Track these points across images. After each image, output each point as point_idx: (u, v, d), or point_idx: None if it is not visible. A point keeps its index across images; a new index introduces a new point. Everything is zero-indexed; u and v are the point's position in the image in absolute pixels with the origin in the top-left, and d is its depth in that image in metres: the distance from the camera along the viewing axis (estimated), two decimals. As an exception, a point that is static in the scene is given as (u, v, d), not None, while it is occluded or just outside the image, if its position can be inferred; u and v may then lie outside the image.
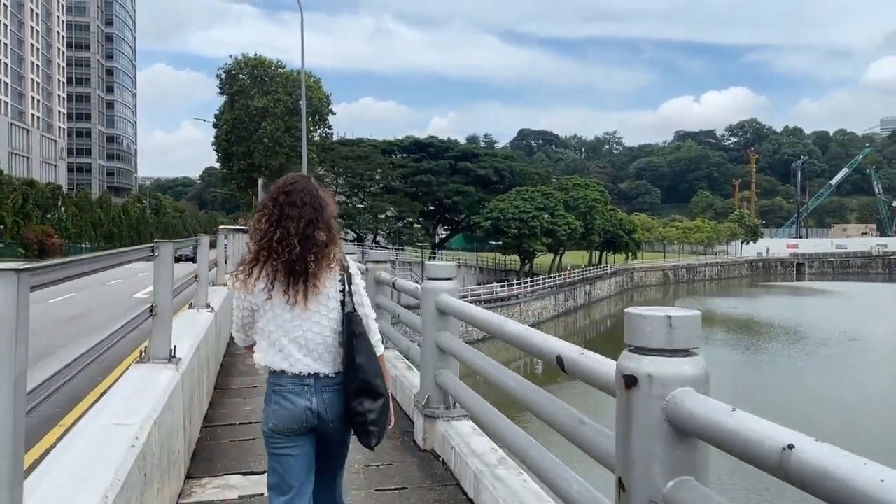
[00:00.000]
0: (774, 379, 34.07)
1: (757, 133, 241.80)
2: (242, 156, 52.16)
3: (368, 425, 2.84)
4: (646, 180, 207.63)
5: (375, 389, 2.86)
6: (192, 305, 7.10)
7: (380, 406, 2.87)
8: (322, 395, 2.84)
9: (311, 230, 2.82)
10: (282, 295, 2.83)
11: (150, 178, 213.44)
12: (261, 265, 2.84)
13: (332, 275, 2.88)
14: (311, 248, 2.82)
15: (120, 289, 18.16)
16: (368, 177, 66.98)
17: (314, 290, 2.83)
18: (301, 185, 2.91)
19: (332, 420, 2.86)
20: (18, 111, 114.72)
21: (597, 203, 67.63)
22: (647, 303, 73.75)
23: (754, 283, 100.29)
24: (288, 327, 2.85)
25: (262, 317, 2.89)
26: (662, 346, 1.97)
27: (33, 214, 58.17)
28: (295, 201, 2.84)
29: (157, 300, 4.39)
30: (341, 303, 2.90)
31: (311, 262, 2.81)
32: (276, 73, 52.23)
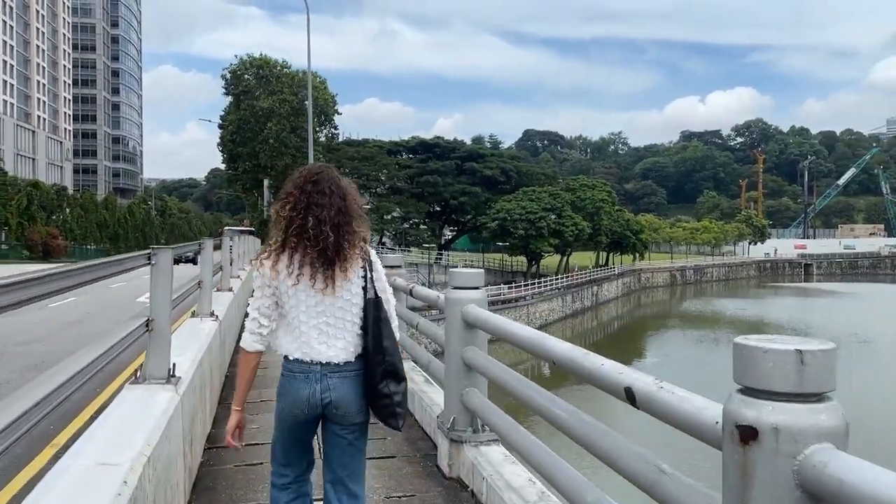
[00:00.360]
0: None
1: (763, 133, 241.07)
2: (248, 157, 51.70)
3: (395, 406, 2.92)
4: (651, 181, 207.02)
5: (400, 372, 2.95)
6: (195, 313, 6.66)
7: (403, 388, 2.96)
8: (326, 381, 2.86)
9: (341, 218, 2.88)
10: (308, 280, 2.86)
11: (156, 179, 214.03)
12: (289, 251, 2.87)
13: (357, 261, 2.93)
14: (344, 236, 2.88)
15: (123, 292, 17.72)
16: (374, 177, 66.55)
17: (344, 276, 2.88)
18: (327, 174, 2.95)
19: (337, 407, 2.88)
20: (24, 113, 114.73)
21: (604, 203, 67.07)
22: (653, 304, 73.78)
23: (762, 283, 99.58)
24: (312, 313, 2.88)
25: (286, 303, 2.90)
26: (791, 389, 1.52)
27: (38, 216, 57.81)
28: (323, 190, 2.88)
29: (154, 313, 3.95)
30: (363, 288, 2.93)
31: (346, 249, 2.88)
32: (282, 74, 51.72)
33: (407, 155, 75.72)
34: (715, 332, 50.91)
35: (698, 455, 8.07)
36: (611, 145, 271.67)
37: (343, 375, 2.89)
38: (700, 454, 5.57)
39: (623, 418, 14.71)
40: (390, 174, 66.46)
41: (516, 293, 49.09)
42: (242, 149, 51.77)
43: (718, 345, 45.19)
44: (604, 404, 9.78)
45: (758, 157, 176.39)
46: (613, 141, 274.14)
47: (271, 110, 49.77)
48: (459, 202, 68.42)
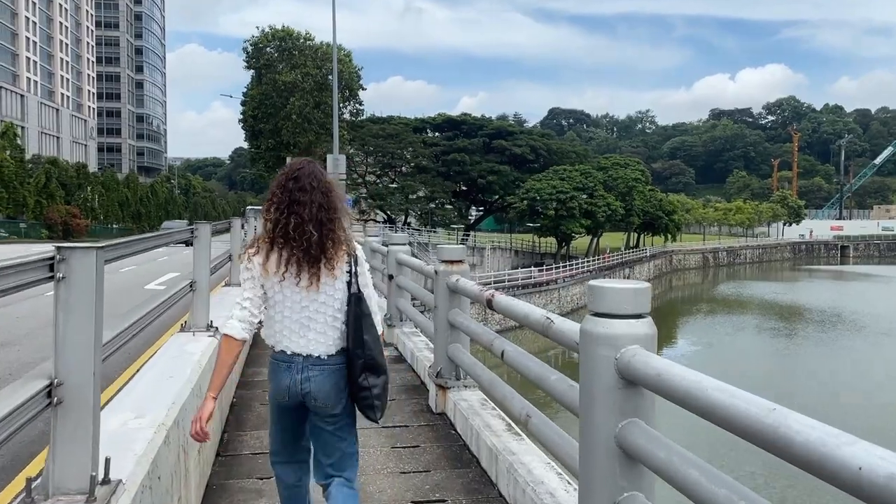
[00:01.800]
0: (840, 376, 31.48)
1: (795, 111, 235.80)
2: (270, 133, 49.77)
3: (373, 399, 3.00)
4: (680, 160, 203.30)
5: (379, 366, 3.01)
6: (184, 325, 5.19)
7: (382, 382, 3.03)
8: (307, 372, 2.94)
9: (324, 214, 2.92)
10: (294, 278, 2.92)
11: (181, 158, 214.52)
12: (277, 250, 2.92)
13: (343, 257, 2.98)
14: (327, 234, 2.93)
15: (131, 278, 16.14)
16: (399, 156, 64.76)
17: (331, 273, 2.94)
18: (308, 169, 3.00)
19: (315, 398, 2.95)
20: (48, 90, 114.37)
21: (637, 183, 64.80)
22: (686, 286, 71.55)
23: (796, 266, 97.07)
24: (296, 308, 2.95)
25: (272, 297, 2.97)
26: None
27: (57, 194, 56.56)
28: (304, 186, 2.92)
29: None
30: (347, 283, 3.00)
31: (329, 248, 2.93)
32: (305, 46, 49.38)
33: (433, 132, 73.74)
34: (756, 319, 48.75)
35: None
36: (638, 124, 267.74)
37: (323, 368, 2.96)
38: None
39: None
40: (416, 152, 64.53)
41: (547, 276, 47.14)
42: (264, 125, 49.84)
43: (761, 333, 43.12)
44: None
45: (793, 135, 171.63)
46: (641, 119, 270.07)
47: (294, 84, 47.70)
48: (487, 181, 66.28)
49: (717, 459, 15.78)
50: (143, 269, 17.09)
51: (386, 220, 64.22)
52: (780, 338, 41.52)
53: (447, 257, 5.35)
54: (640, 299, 2.46)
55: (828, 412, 23.23)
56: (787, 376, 31.01)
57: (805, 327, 45.19)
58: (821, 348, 38.21)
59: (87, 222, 59.27)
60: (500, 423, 4.56)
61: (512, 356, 3.81)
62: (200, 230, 5.01)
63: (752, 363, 33.24)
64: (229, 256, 7.91)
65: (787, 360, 35.38)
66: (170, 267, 18.48)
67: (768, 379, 30.13)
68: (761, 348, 38.40)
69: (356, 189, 60.95)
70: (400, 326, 8.53)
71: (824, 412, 23.37)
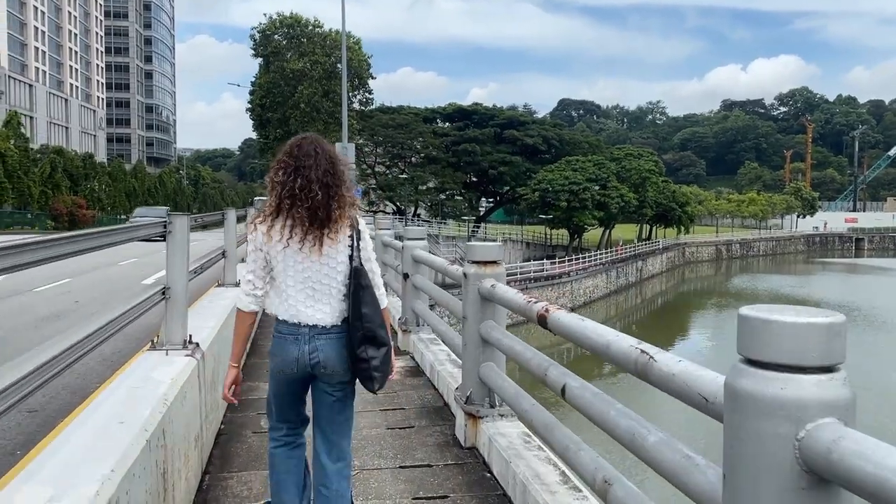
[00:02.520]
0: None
1: (808, 102, 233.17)
2: (278, 123, 48.82)
3: (372, 371, 3.01)
4: (690, 151, 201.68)
5: (380, 338, 3.03)
6: (156, 343, 4.21)
7: (383, 353, 3.04)
8: (315, 342, 2.99)
9: (329, 178, 2.97)
10: (298, 242, 2.96)
11: (190, 149, 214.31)
12: (284, 214, 2.97)
13: (344, 227, 3.01)
14: (333, 196, 2.98)
15: (130, 271, 15.33)
16: (409, 146, 63.86)
17: (333, 236, 2.99)
18: (311, 138, 3.10)
19: (325, 366, 3.01)
20: (57, 81, 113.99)
21: (651, 174, 63.68)
22: (698, 279, 70.51)
23: (810, 258, 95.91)
24: (299, 277, 3.00)
25: (276, 265, 3.01)
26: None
27: (62, 185, 55.71)
28: (309, 152, 2.99)
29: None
30: (349, 257, 3.04)
31: (334, 209, 2.97)
32: (314, 34, 48.40)
33: (443, 123, 72.77)
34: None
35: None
36: (649, 115, 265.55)
37: (330, 337, 3.01)
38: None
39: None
40: (426, 142, 63.61)
41: (559, 269, 46.25)
42: (272, 114, 48.94)
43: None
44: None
45: (807, 126, 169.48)
46: (651, 110, 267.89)
47: (302, 73, 46.77)
48: (498, 172, 65.27)
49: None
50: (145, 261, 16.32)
51: (395, 212, 63.44)
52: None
53: (480, 257, 4.39)
54: (834, 341, 1.52)
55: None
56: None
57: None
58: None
59: (94, 213, 58.39)
60: (552, 472, 3.65)
61: (581, 397, 2.81)
62: (175, 224, 4.14)
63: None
64: (223, 253, 7.06)
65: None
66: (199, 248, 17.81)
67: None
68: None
69: (365, 180, 60.18)
70: (416, 332, 7.60)
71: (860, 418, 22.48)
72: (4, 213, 49.94)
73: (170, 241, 4.11)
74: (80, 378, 5.96)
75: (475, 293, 4.27)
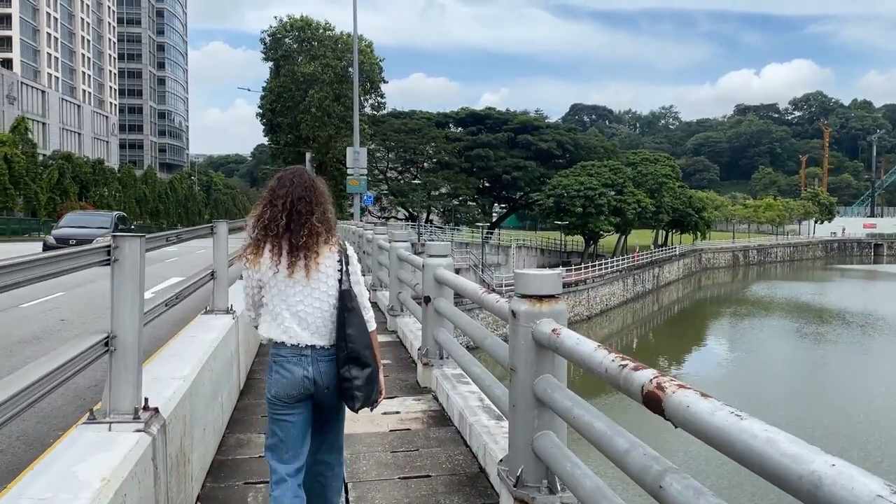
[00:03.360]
0: None
1: (823, 106, 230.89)
2: (288, 128, 47.87)
3: (354, 390, 3.07)
4: (704, 156, 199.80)
5: (363, 359, 3.08)
6: (93, 417, 3.10)
7: (366, 374, 3.09)
8: (318, 364, 3.06)
9: (301, 206, 3.07)
10: (285, 270, 3.06)
11: (203, 155, 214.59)
12: (264, 244, 3.09)
13: (331, 254, 3.12)
14: (302, 223, 3.06)
15: (164, 271, 14.55)
16: (421, 151, 62.90)
17: (315, 264, 3.07)
18: (291, 171, 3.23)
19: (327, 387, 3.09)
20: (69, 87, 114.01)
21: (667, 179, 62.47)
22: (715, 286, 69.16)
23: (828, 265, 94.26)
24: (290, 301, 3.07)
25: (268, 292, 3.10)
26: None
27: (71, 191, 54.86)
28: (284, 182, 3.12)
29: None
30: (339, 280, 3.12)
31: (303, 236, 3.06)
32: (325, 37, 47.40)
33: (456, 127, 71.81)
34: (795, 322, 46.43)
35: None
36: (661, 120, 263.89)
37: (329, 359, 3.09)
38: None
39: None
40: (438, 147, 62.62)
41: (576, 276, 45.20)
42: (283, 119, 47.97)
43: (803, 338, 40.90)
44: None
45: (824, 130, 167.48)
46: (664, 115, 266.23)
47: (313, 76, 45.80)
48: (512, 177, 64.12)
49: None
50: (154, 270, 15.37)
51: (407, 218, 62.52)
52: (824, 344, 39.21)
53: (534, 290, 3.31)
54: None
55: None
56: (837, 389, 28.91)
57: (849, 332, 42.85)
58: (869, 356, 36.00)
59: (103, 219, 57.63)
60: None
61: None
62: (124, 248, 3.05)
63: (801, 373, 31.21)
64: (212, 274, 5.96)
65: (835, 370, 33.20)
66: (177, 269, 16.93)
67: (820, 391, 28.18)
68: (807, 355, 36.22)
69: (377, 186, 59.29)
70: (440, 366, 6.49)
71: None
72: (12, 220, 49.08)
73: (115, 271, 3.12)
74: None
75: (528, 339, 3.28)
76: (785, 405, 25.39)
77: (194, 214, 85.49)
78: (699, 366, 34.22)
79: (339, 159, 45.84)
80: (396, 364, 7.61)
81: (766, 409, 23.53)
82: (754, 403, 24.73)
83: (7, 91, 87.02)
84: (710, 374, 31.46)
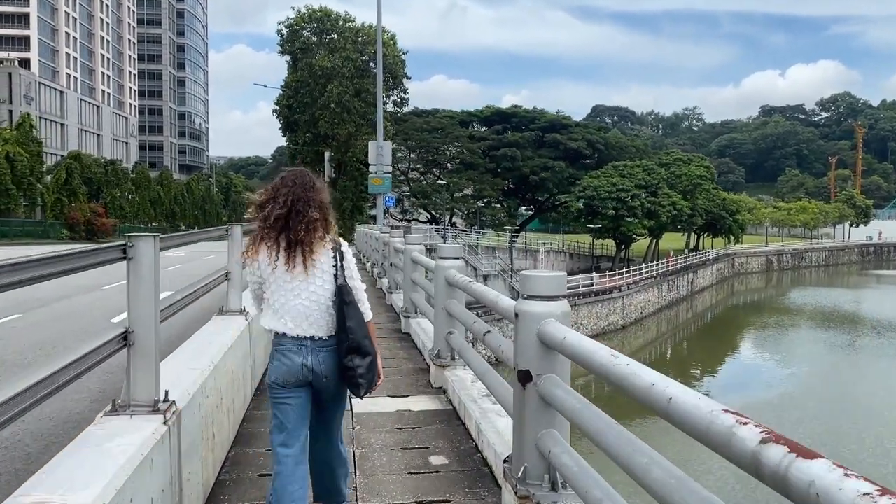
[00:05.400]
0: None
1: (851, 107, 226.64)
2: (306, 125, 45.34)
3: (358, 378, 3.31)
4: (729, 158, 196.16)
5: (364, 348, 3.32)
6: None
7: (368, 363, 3.31)
8: (317, 354, 3.30)
9: (300, 205, 3.26)
10: (284, 265, 3.26)
11: (224, 157, 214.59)
12: (264, 240, 3.30)
13: (326, 250, 3.32)
14: (300, 219, 3.25)
15: (98, 305, 12.00)
16: (444, 151, 60.39)
17: (311, 259, 3.26)
18: (293, 171, 3.42)
19: (325, 375, 3.31)
20: (88, 87, 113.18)
21: (702, 180, 59.54)
22: (748, 292, 66.14)
23: (864, 270, 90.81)
24: (289, 296, 3.28)
25: (269, 287, 3.33)
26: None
27: (80, 192, 52.55)
28: (286, 182, 3.32)
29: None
30: (334, 276, 3.32)
31: (301, 231, 3.24)
32: (345, 28, 44.87)
33: (480, 126, 69.22)
34: (847, 334, 43.34)
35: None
36: (684, 121, 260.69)
37: (329, 349, 3.31)
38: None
39: None
40: (462, 147, 60.04)
41: (610, 283, 42.47)
42: (300, 115, 45.44)
43: (859, 352, 37.93)
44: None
45: (857, 131, 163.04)
46: (687, 116, 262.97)
47: (333, 70, 43.34)
48: (540, 178, 61.16)
49: None
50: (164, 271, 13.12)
51: (430, 220, 60.08)
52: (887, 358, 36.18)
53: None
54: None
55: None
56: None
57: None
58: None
59: (115, 222, 55.26)
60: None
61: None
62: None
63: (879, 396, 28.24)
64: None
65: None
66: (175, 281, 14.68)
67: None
68: (877, 372, 33.15)
69: (398, 187, 56.87)
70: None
71: None
72: (14, 223, 47.01)
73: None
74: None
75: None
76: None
77: (212, 216, 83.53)
78: (754, 389, 31.25)
79: (359, 158, 43.47)
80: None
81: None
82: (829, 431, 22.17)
83: (24, 91, 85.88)
84: (763, 396, 28.73)
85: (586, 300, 38.90)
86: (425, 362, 7.54)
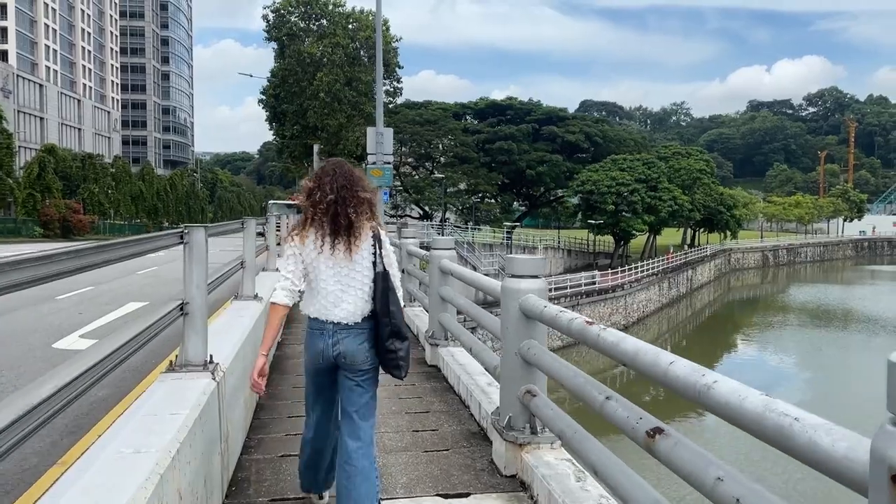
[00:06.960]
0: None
1: (838, 102, 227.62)
2: (294, 116, 43.01)
3: (399, 360, 3.43)
4: (717, 153, 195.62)
5: (403, 333, 3.45)
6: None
7: (406, 346, 3.45)
8: (336, 336, 3.37)
9: (346, 192, 3.39)
10: (329, 249, 3.36)
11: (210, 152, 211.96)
12: (312, 223, 3.40)
13: (368, 236, 3.40)
14: (349, 202, 3.38)
15: (39, 325, 9.91)
16: (437, 145, 58.42)
17: (356, 242, 3.36)
18: (334, 161, 3.60)
19: (345, 356, 3.38)
20: (69, 81, 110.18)
21: (702, 174, 57.98)
22: (744, 287, 64.77)
23: (859, 264, 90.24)
24: (330, 281, 3.38)
25: (311, 270, 3.42)
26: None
27: (54, 187, 49.82)
28: (328, 171, 3.47)
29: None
30: (373, 263, 3.41)
31: (351, 214, 3.36)
32: (335, 13, 42.58)
33: (474, 119, 67.21)
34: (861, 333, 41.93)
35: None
36: (672, 116, 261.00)
37: (349, 332, 3.38)
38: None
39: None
40: (456, 140, 58.04)
41: (612, 281, 40.78)
42: (288, 105, 43.08)
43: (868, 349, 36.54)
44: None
45: (849, 125, 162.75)
46: (675, 111, 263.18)
47: (322, 58, 41.16)
48: (536, 172, 59.20)
49: None
50: (104, 289, 11.29)
51: (422, 216, 58.17)
52: None
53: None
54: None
55: None
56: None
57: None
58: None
59: (93, 218, 52.70)
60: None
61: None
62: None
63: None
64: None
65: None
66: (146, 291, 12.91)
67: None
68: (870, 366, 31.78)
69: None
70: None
71: None
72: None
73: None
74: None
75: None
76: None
77: (196, 212, 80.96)
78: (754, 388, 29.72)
79: (350, 151, 41.43)
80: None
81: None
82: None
83: (2, 84, 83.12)
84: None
85: (589, 299, 37.23)
86: (478, 425, 5.31)
